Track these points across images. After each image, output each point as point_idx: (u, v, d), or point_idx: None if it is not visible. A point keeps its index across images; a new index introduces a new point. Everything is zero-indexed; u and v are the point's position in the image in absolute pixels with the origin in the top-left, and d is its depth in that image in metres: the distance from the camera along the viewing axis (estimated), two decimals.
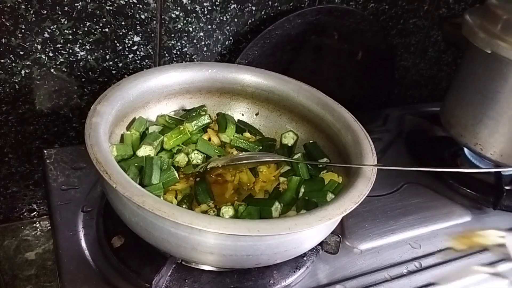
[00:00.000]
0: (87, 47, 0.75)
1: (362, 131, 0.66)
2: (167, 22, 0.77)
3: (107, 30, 0.74)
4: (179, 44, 0.80)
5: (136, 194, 0.49)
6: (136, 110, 0.68)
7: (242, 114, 0.76)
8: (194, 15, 0.78)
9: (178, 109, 0.73)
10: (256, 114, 0.76)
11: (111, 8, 0.72)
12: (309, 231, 0.54)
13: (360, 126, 0.67)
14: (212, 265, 0.60)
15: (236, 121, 0.75)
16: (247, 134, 0.73)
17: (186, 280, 0.59)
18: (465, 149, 0.90)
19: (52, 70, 0.74)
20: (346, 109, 0.70)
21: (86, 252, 0.62)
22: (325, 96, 0.72)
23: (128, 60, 0.79)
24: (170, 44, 0.80)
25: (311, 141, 0.72)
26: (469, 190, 0.83)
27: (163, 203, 0.49)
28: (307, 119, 0.73)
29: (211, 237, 0.50)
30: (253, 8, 0.82)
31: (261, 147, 0.72)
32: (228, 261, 0.55)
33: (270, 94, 0.74)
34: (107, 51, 0.76)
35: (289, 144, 0.73)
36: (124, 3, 0.73)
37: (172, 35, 0.79)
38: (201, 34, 0.81)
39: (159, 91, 0.70)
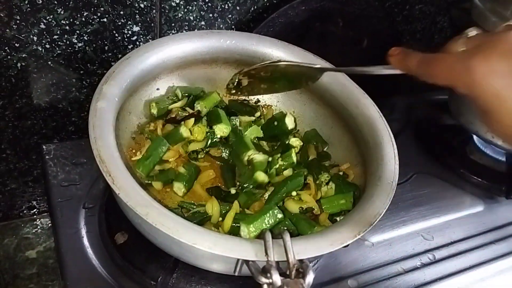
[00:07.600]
0: (85, 38, 0.72)
1: (386, 130, 0.62)
2: (167, 11, 0.75)
3: (105, 20, 0.72)
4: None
5: (141, 204, 0.46)
6: (146, 83, 0.65)
7: None
8: (195, 3, 0.75)
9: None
10: None
11: None
12: None
13: (385, 124, 0.63)
14: (218, 271, 0.56)
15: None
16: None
17: (193, 277, 0.57)
18: (475, 137, 0.88)
19: (49, 62, 0.72)
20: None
21: (89, 249, 0.61)
22: (352, 82, 0.67)
23: (128, 51, 0.76)
24: (171, 34, 0.77)
25: (311, 129, 0.69)
26: (480, 179, 0.82)
27: (168, 217, 0.46)
28: (328, 104, 0.69)
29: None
30: None
31: None
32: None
33: None
34: (105, 42, 0.74)
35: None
36: None
37: (173, 24, 0.76)
38: (202, 23, 0.79)
39: (172, 63, 0.65)
